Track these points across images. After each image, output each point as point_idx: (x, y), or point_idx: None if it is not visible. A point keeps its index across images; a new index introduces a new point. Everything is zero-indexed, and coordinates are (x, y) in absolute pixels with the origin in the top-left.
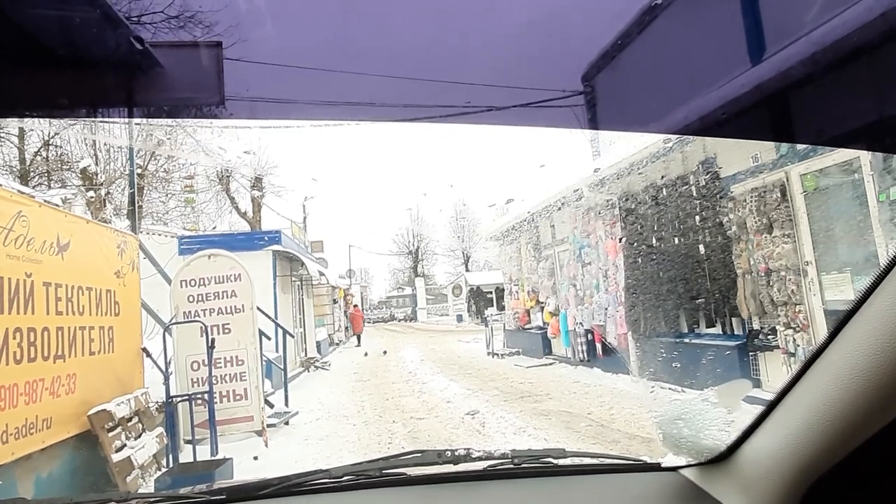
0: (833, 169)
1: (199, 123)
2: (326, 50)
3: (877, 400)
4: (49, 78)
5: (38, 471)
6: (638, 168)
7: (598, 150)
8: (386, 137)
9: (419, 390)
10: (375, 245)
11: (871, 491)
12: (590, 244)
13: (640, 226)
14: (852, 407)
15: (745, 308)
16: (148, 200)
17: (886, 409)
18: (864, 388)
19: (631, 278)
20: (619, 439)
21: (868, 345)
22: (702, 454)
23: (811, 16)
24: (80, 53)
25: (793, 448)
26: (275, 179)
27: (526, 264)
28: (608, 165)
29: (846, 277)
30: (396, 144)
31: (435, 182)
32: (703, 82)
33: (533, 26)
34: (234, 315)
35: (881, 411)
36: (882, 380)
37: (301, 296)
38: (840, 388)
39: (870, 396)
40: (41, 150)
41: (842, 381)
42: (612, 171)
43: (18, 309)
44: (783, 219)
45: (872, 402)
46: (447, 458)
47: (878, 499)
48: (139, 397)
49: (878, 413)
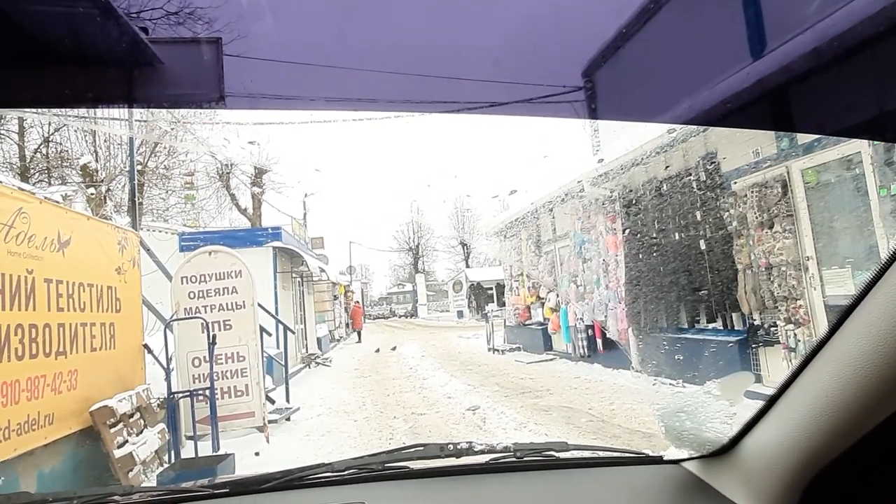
0: (834, 163)
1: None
2: (327, 45)
3: (878, 393)
4: (49, 73)
5: (41, 466)
6: (638, 163)
7: (598, 144)
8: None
9: (420, 386)
10: (376, 241)
11: (872, 483)
12: (590, 239)
13: (640, 221)
14: (854, 400)
15: (746, 303)
16: (148, 197)
17: (888, 402)
18: (865, 381)
19: (632, 274)
20: (619, 434)
21: (869, 338)
22: (704, 447)
23: (813, 8)
24: (80, 49)
25: (795, 441)
26: (275, 176)
27: (526, 260)
28: (609, 160)
29: (847, 272)
30: (397, 140)
31: (436, 176)
32: (706, 73)
33: (534, 18)
34: (234, 311)
35: (882, 404)
36: (883, 373)
37: (302, 292)
38: (841, 382)
39: (871, 389)
40: (41, 147)
41: (843, 375)
42: (612, 166)
43: (20, 305)
44: (784, 213)
45: (874, 395)
46: (450, 451)
47: (879, 491)
48: (140, 393)
49: (879, 406)
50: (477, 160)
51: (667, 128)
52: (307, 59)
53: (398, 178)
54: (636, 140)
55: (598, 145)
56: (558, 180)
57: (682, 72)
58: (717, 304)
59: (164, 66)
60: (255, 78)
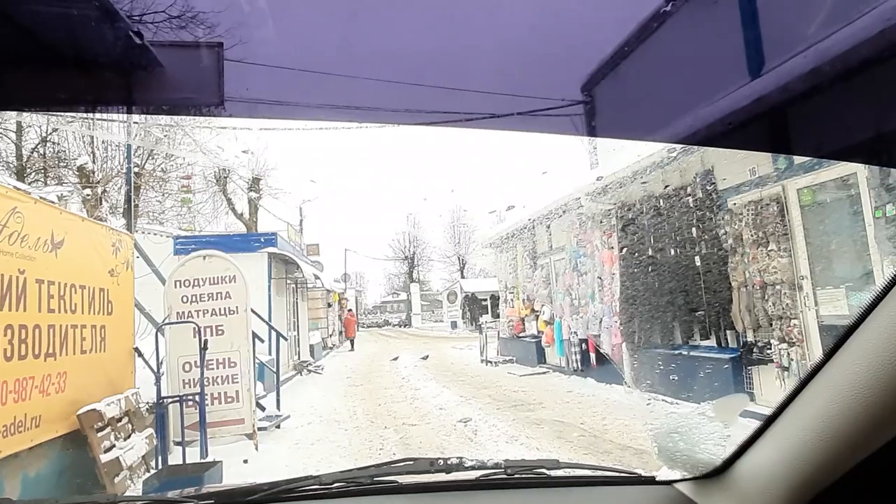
0: (830, 184)
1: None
2: (328, 53)
3: (876, 418)
4: (49, 74)
5: (26, 470)
6: (635, 179)
7: (597, 161)
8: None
9: (412, 396)
10: (371, 250)
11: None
12: (586, 254)
13: (636, 236)
14: (852, 424)
15: (740, 321)
16: (144, 200)
17: (886, 428)
18: (863, 405)
19: (626, 289)
20: (611, 450)
21: (868, 362)
22: (697, 468)
23: (812, 30)
24: (81, 50)
25: (790, 464)
26: (272, 182)
27: (522, 272)
28: (606, 176)
29: (841, 293)
30: (395, 149)
31: (434, 187)
32: (703, 93)
33: (536, 31)
34: (227, 317)
35: (881, 429)
36: (882, 398)
37: (296, 299)
38: (839, 406)
39: (869, 414)
40: (38, 147)
41: (841, 399)
42: (609, 182)
43: (10, 306)
44: (779, 232)
45: (871, 420)
46: (439, 466)
47: None
48: (129, 397)
49: (877, 431)
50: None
51: (664, 145)
52: (307, 66)
53: (395, 187)
54: (633, 156)
55: (596, 162)
56: (555, 195)
57: (680, 90)
58: (711, 321)
59: (165, 69)
60: (256, 84)
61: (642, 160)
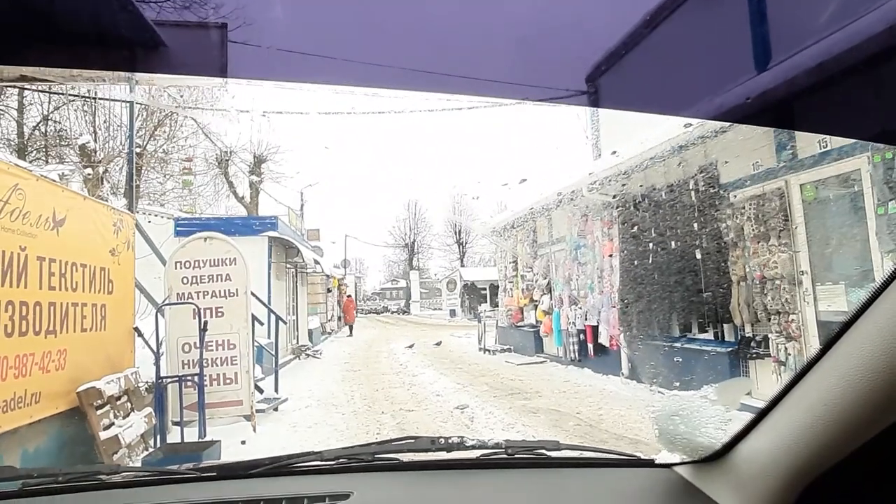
0: (833, 180)
1: (201, 104)
2: (332, 36)
3: (874, 405)
4: (53, 51)
5: (25, 445)
6: (637, 170)
7: (599, 153)
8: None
9: (409, 382)
10: (372, 236)
11: (867, 495)
12: (586, 244)
13: (636, 228)
14: (850, 411)
15: (739, 315)
16: (146, 181)
17: (884, 414)
18: (862, 392)
19: (625, 280)
20: (607, 439)
21: (866, 353)
22: (696, 452)
23: (820, 23)
24: (85, 28)
25: (788, 449)
26: (274, 165)
27: (521, 262)
28: (608, 167)
29: (841, 289)
30: (399, 134)
31: (436, 172)
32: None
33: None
34: (227, 299)
35: (879, 416)
36: (881, 384)
37: (295, 283)
38: (838, 392)
39: (867, 401)
40: (40, 125)
41: (840, 386)
42: (611, 173)
43: (11, 282)
44: (780, 227)
45: (870, 407)
46: (441, 445)
47: (874, 503)
48: (129, 376)
49: (875, 418)
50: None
51: (667, 136)
52: (310, 48)
53: (397, 173)
54: (636, 148)
55: (599, 155)
56: (555, 185)
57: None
58: (709, 314)
59: (169, 48)
60: (260, 65)
61: (643, 153)
